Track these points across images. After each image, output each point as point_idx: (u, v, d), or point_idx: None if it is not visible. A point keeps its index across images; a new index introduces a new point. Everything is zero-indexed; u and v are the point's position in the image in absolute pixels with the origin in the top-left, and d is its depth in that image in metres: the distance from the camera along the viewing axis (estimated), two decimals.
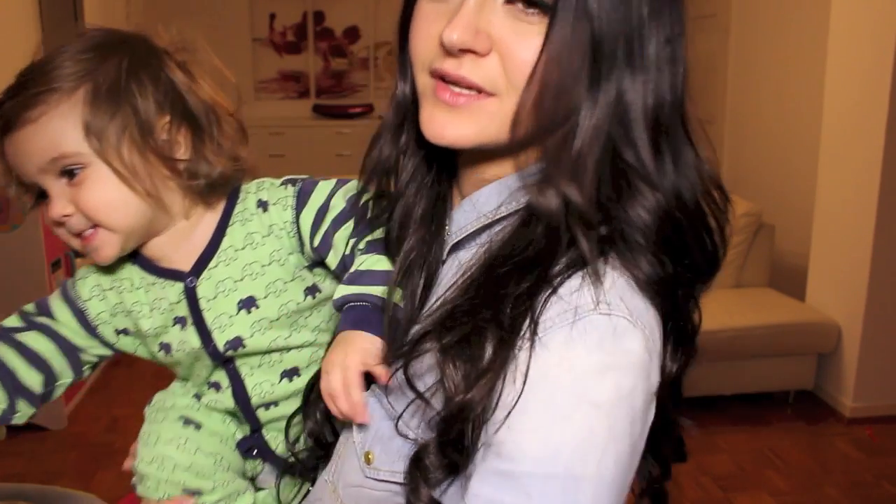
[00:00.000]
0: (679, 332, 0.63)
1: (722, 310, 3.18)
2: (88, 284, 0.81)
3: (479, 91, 0.58)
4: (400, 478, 0.61)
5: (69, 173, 0.72)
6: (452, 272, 0.65)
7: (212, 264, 0.77)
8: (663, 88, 0.57)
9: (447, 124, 0.59)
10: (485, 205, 0.65)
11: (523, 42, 0.55)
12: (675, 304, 0.61)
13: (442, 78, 0.59)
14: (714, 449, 2.87)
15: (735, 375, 3.11)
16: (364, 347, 0.65)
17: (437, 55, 0.59)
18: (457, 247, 0.68)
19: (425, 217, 0.68)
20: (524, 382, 0.54)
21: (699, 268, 0.62)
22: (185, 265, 0.78)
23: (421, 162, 0.69)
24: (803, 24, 3.90)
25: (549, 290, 0.56)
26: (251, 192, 0.80)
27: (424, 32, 0.60)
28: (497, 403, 0.55)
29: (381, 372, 0.63)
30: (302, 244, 0.78)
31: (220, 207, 0.79)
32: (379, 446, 0.63)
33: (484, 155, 0.64)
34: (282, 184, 0.80)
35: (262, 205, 0.78)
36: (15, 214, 2.78)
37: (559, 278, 0.57)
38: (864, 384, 3.08)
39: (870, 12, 2.90)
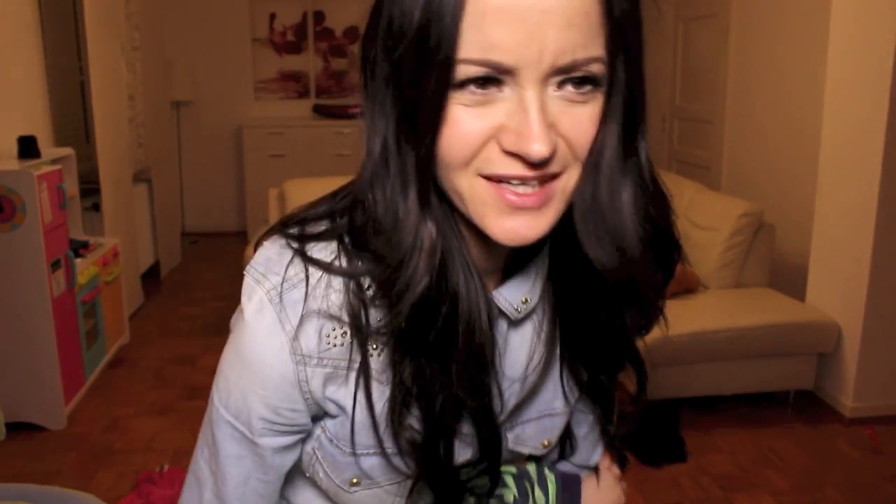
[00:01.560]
0: None
1: (722, 310, 3.19)
2: None
3: (549, 177, 0.57)
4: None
5: None
6: (529, 335, 0.71)
7: None
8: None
9: (525, 226, 0.57)
10: (536, 273, 0.68)
11: (581, 120, 0.56)
12: None
13: (505, 179, 0.56)
14: (714, 449, 2.87)
15: (735, 375, 3.12)
16: None
17: (492, 161, 0.55)
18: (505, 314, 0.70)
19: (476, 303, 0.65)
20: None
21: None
22: None
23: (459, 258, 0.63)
24: (803, 23, 3.90)
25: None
26: None
27: (470, 139, 0.54)
28: None
29: None
30: None
31: None
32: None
33: None
34: None
35: None
36: (15, 214, 2.78)
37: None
38: (864, 384, 3.08)
39: (870, 12, 2.90)
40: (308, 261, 0.61)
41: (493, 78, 0.52)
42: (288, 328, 0.61)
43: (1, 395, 2.81)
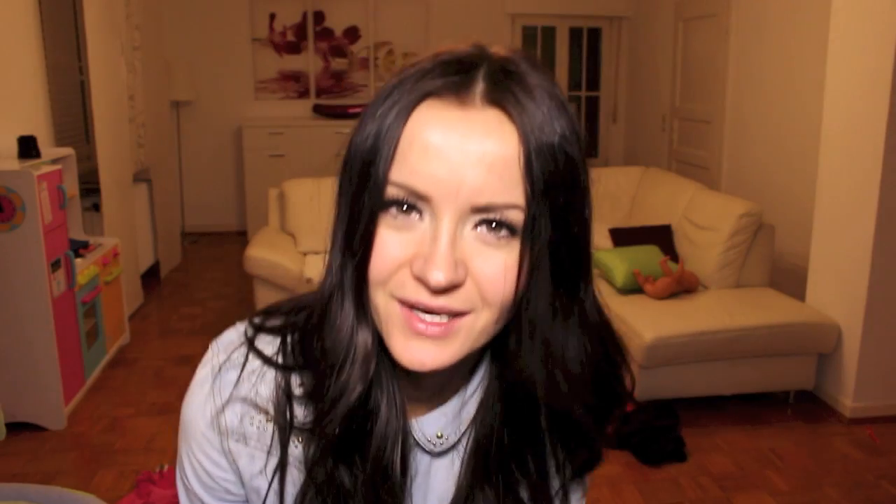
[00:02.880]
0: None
1: (722, 310, 3.19)
2: None
3: (455, 314, 0.58)
4: None
5: None
6: (443, 472, 0.71)
7: None
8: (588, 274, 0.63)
9: (427, 354, 0.58)
10: (463, 412, 0.69)
11: (493, 264, 0.57)
12: None
13: (412, 306, 0.58)
14: (714, 449, 2.87)
15: (735, 375, 3.12)
16: None
17: (404, 285, 0.57)
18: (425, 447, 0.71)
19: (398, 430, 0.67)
20: None
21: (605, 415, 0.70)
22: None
23: (386, 383, 0.66)
24: (803, 23, 3.90)
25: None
26: None
27: (388, 260, 0.58)
28: None
29: None
30: None
31: None
32: None
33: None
34: None
35: None
36: (15, 214, 2.78)
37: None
38: (864, 384, 3.08)
39: (870, 13, 2.91)
40: (251, 350, 0.67)
41: (413, 205, 0.56)
42: (218, 402, 0.66)
43: (1, 395, 2.81)
